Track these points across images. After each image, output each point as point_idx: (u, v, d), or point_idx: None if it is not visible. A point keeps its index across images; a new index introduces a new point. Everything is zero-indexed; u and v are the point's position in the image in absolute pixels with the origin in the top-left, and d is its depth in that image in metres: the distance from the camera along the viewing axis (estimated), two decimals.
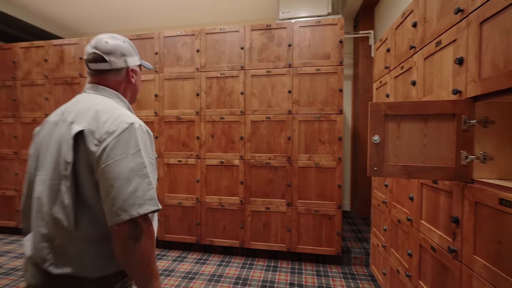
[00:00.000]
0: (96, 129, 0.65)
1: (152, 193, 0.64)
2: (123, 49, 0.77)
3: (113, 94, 0.77)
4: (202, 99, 2.44)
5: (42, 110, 2.80)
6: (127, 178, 0.62)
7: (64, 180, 0.65)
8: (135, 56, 0.82)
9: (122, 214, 0.60)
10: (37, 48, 2.81)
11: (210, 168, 2.45)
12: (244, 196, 2.39)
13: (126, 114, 0.69)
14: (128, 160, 0.63)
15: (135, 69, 0.81)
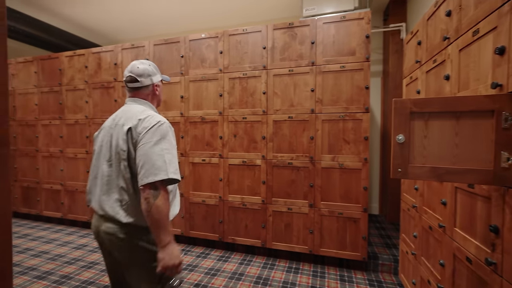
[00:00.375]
0: (137, 126, 0.97)
1: (165, 167, 0.90)
2: (149, 71, 1.08)
3: (145, 103, 1.10)
4: (225, 100, 2.49)
5: (83, 112, 3.08)
6: (150, 156, 0.91)
7: (123, 161, 0.97)
8: (157, 74, 1.13)
9: (144, 179, 0.89)
10: (79, 56, 3.09)
11: (233, 167, 2.49)
12: (266, 196, 2.39)
13: (155, 115, 1.00)
14: (153, 144, 0.92)
15: (158, 84, 1.13)
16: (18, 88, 3.44)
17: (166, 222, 0.90)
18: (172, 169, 0.92)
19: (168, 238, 0.90)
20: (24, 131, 3.42)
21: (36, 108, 3.35)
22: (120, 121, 1.02)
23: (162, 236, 0.89)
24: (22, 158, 3.44)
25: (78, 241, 2.81)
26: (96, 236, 1.04)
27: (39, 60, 3.31)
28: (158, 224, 0.88)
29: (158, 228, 0.89)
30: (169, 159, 0.92)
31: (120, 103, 2.90)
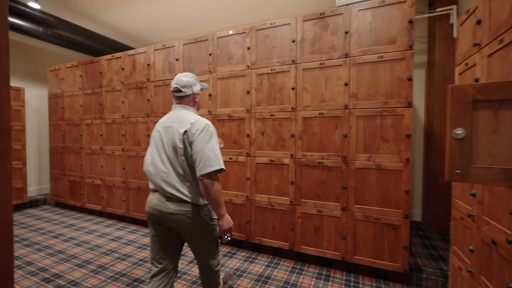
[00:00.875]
0: (191, 129, 1.23)
1: (217, 160, 1.19)
2: (190, 82, 1.35)
3: (188, 108, 1.36)
4: (252, 97, 2.43)
5: (120, 112, 3.25)
6: (205, 152, 1.18)
7: (180, 156, 1.24)
8: (197, 84, 1.39)
9: (203, 170, 1.17)
10: (117, 59, 3.27)
11: (260, 166, 2.41)
12: (295, 197, 2.27)
13: (202, 119, 1.28)
14: (206, 142, 1.20)
15: (197, 92, 1.39)
16: (66, 91, 3.77)
17: (221, 200, 1.24)
18: (221, 161, 1.22)
19: (223, 210, 1.25)
20: (71, 130, 3.74)
21: (80, 109, 3.63)
22: (174, 124, 1.29)
23: (220, 210, 1.23)
24: (70, 155, 3.77)
25: (114, 233, 2.98)
26: (152, 214, 1.30)
27: (83, 64, 3.58)
28: (217, 203, 1.22)
29: (217, 206, 1.22)
30: (218, 153, 1.22)
31: (152, 102, 3.00)
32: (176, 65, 2.83)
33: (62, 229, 3.11)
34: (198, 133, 1.21)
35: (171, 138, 1.26)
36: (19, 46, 4.12)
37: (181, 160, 1.23)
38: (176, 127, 1.26)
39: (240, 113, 2.48)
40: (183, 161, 1.23)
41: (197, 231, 1.28)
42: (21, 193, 3.84)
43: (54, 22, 3.57)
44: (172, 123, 1.29)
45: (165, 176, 1.25)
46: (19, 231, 3.01)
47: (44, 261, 2.31)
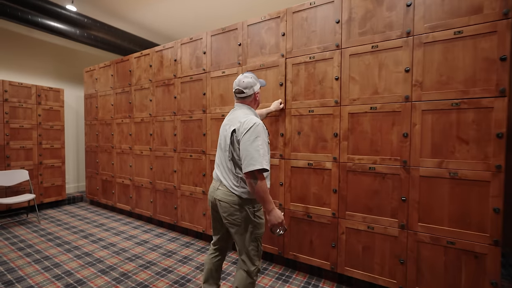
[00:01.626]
0: (240, 128, 1.31)
1: (260, 160, 1.23)
2: (251, 83, 1.42)
3: (247, 107, 1.44)
4: (287, 90, 2.11)
5: (147, 111, 3.16)
6: (249, 151, 1.25)
7: (230, 153, 1.37)
8: (257, 84, 1.47)
9: (246, 168, 1.24)
10: (145, 56, 3.18)
11: (296, 170, 2.08)
12: (338, 208, 1.90)
13: (252, 118, 1.32)
14: (251, 142, 1.26)
15: (258, 91, 1.47)
16: (100, 91, 3.82)
17: (266, 196, 1.27)
18: (265, 161, 1.25)
19: (270, 206, 1.29)
20: (104, 130, 3.78)
21: (112, 108, 3.64)
22: (229, 122, 1.41)
23: (266, 206, 1.29)
24: (102, 154, 3.81)
25: (141, 236, 2.88)
26: (209, 199, 1.49)
27: (114, 64, 3.58)
28: (262, 199, 1.27)
29: (263, 202, 1.28)
30: (263, 153, 1.25)
31: (179, 99, 2.84)
32: (204, 58, 2.62)
33: (92, 228, 3.10)
34: (245, 132, 1.28)
35: (225, 136, 1.41)
36: (59, 49, 4.30)
37: (229, 155, 1.38)
38: (229, 125, 1.39)
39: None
40: (229, 157, 1.38)
41: (238, 222, 1.36)
42: (60, 190, 3.99)
43: (88, 23, 3.61)
44: (229, 122, 1.42)
45: (219, 167, 1.45)
46: (55, 229, 3.06)
47: (71, 263, 2.25)
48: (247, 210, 1.35)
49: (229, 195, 1.37)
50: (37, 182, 3.70)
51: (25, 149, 3.59)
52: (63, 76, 4.38)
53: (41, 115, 3.73)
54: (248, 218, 1.35)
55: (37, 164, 3.70)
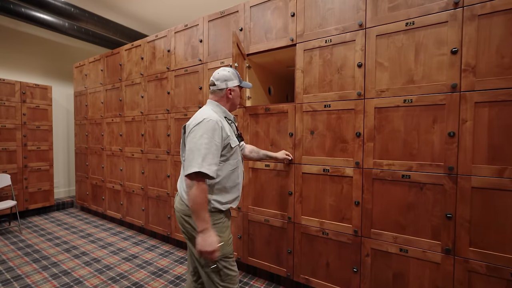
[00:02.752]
0: (190, 124, 1.13)
1: (199, 162, 1.01)
2: (226, 76, 1.24)
3: (215, 104, 1.24)
4: (298, 81, 1.76)
5: (139, 108, 2.83)
6: (192, 151, 1.05)
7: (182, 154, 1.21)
8: (234, 80, 1.26)
9: (185, 171, 1.04)
10: (136, 48, 2.86)
11: (308, 177, 1.73)
12: (362, 225, 1.55)
13: (205, 113, 1.12)
14: (196, 140, 1.05)
15: (232, 88, 1.25)
16: (89, 88, 3.51)
17: (200, 211, 1.01)
18: (206, 163, 1.02)
19: (203, 225, 1.01)
20: (94, 130, 3.47)
21: (102, 106, 3.32)
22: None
23: (197, 223, 1.02)
24: (92, 156, 3.50)
25: (131, 249, 2.55)
26: None
27: (104, 57, 3.27)
28: (193, 211, 1.03)
29: (193, 215, 1.04)
30: (205, 154, 1.03)
31: (173, 95, 2.51)
32: (200, 47, 2.28)
33: (78, 239, 2.78)
34: (191, 128, 1.09)
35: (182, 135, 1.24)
36: (48, 44, 4.00)
37: (182, 157, 1.21)
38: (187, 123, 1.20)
39: (280, 105, 1.83)
40: (183, 159, 1.20)
41: (190, 235, 1.16)
42: (48, 195, 3.68)
43: (76, 13, 3.30)
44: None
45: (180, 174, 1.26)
46: (36, 240, 2.75)
47: (44, 285, 1.92)
48: (192, 222, 1.14)
49: (180, 204, 1.19)
50: (22, 187, 3.40)
51: (8, 151, 3.28)
52: (51, 73, 4.08)
53: (26, 114, 3.43)
54: (194, 233, 1.14)
55: (22, 167, 3.40)
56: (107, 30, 3.64)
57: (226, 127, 1.15)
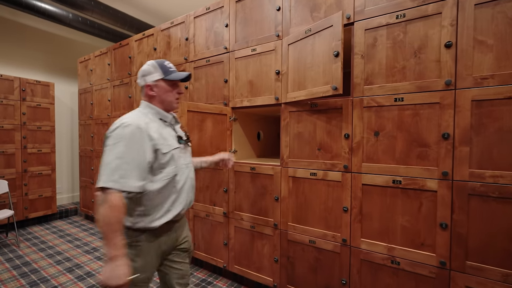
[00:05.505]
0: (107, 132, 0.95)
1: (109, 174, 0.86)
2: (144, 71, 1.06)
3: (144, 104, 1.07)
4: (356, 69, 1.40)
5: None
6: (103, 160, 0.89)
7: None
8: (154, 73, 1.05)
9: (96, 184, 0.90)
10: (148, 38, 2.53)
11: (371, 190, 1.37)
12: (451, 254, 1.18)
13: (125, 118, 0.96)
14: (110, 148, 0.90)
15: (151, 84, 1.05)
16: (95, 84, 3.19)
17: (108, 233, 0.84)
18: (117, 176, 0.87)
19: (112, 251, 0.84)
20: (100, 130, 3.14)
21: (109, 105, 3.00)
22: None
23: (106, 248, 0.85)
24: (98, 160, 3.17)
25: None
26: None
27: (112, 50, 2.94)
28: (101, 233, 0.86)
29: (103, 237, 0.86)
30: (117, 166, 0.87)
31: (191, 90, 2.17)
32: (226, 33, 1.94)
33: (82, 256, 2.44)
34: (108, 135, 0.93)
35: None
36: (50, 37, 3.69)
37: None
38: None
39: (329, 99, 1.48)
40: None
41: None
42: (50, 202, 3.36)
43: (81, 1, 2.98)
44: None
45: None
46: (34, 256, 2.42)
47: None
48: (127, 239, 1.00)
49: None
50: (21, 193, 3.08)
51: (6, 154, 2.97)
52: (54, 68, 3.77)
53: (26, 113, 3.12)
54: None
55: (21, 172, 3.08)
56: (114, 21, 3.32)
57: (154, 130, 0.98)
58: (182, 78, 1.09)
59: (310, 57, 1.48)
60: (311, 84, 1.48)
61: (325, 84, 1.38)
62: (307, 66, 1.50)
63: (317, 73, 1.44)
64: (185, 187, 1.08)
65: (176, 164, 1.04)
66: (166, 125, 1.08)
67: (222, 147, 1.84)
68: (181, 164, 1.07)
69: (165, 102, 1.08)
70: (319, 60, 1.42)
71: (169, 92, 1.07)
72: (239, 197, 1.89)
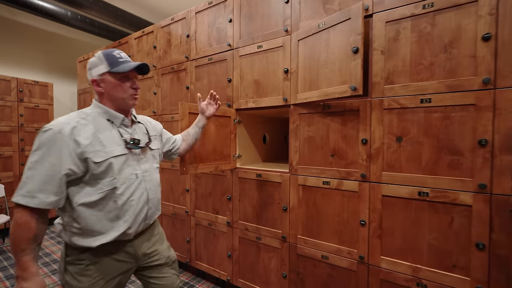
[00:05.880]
0: None
1: (21, 187, 0.77)
2: (90, 64, 0.92)
3: (93, 103, 0.94)
4: (375, 66, 1.25)
5: (151, 107, 2.37)
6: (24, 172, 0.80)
7: None
8: (100, 65, 0.90)
9: None
10: (148, 36, 2.40)
11: (392, 202, 1.22)
12: (489, 279, 1.03)
13: (53, 121, 0.83)
14: (29, 158, 0.80)
15: (96, 78, 0.90)
16: None
17: (15, 252, 0.77)
18: (25, 190, 0.77)
19: (17, 271, 0.77)
20: None
21: None
22: None
23: (16, 266, 0.78)
24: None
25: None
26: None
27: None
28: (13, 251, 0.78)
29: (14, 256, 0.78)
30: (27, 178, 0.78)
31: (193, 90, 2.03)
32: (229, 29, 1.80)
33: None
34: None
35: None
36: (49, 36, 3.60)
37: None
38: None
39: (345, 100, 1.33)
40: None
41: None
42: None
43: None
44: None
45: None
46: None
47: None
48: (61, 257, 0.92)
49: None
50: None
51: (2, 157, 2.88)
52: (53, 68, 3.67)
53: (23, 114, 3.03)
54: (60, 270, 0.92)
55: (18, 175, 2.99)
56: (114, 19, 3.20)
57: (88, 135, 0.84)
58: (133, 69, 0.92)
59: (324, 54, 1.34)
60: (325, 84, 1.33)
61: (342, 83, 1.23)
62: (320, 64, 1.35)
63: (332, 72, 1.29)
64: (134, 202, 0.92)
65: (118, 175, 0.88)
66: (114, 127, 0.92)
67: (226, 152, 1.70)
68: (128, 175, 0.91)
69: (116, 100, 0.92)
70: (334, 57, 1.27)
71: (118, 87, 0.91)
72: (244, 205, 1.76)
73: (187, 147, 1.30)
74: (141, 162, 0.98)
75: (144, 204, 0.96)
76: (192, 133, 1.31)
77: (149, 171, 1.01)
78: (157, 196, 1.05)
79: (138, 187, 0.95)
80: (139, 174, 0.96)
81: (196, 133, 1.32)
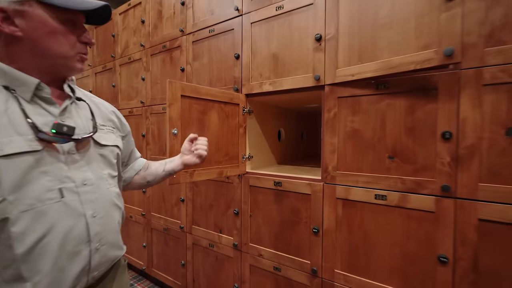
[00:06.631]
0: None
1: None
2: None
3: None
4: (471, 16, 0.81)
5: (138, 97, 1.93)
6: None
7: None
8: None
9: None
10: (134, 9, 1.96)
11: (495, 230, 0.78)
12: None
13: None
14: None
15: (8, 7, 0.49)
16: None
17: None
18: None
19: None
20: None
21: None
22: None
23: None
24: None
25: None
26: None
27: (93, 29, 2.38)
28: None
29: None
30: None
31: (190, 73, 1.59)
32: None
33: None
34: None
35: None
36: None
37: None
38: None
39: (413, 73, 0.89)
40: None
41: None
42: None
43: None
44: None
45: None
46: None
47: None
48: None
49: None
50: None
51: None
52: None
53: None
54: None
55: None
56: None
57: None
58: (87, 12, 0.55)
59: (385, 8, 0.90)
60: (389, 52, 0.90)
61: (422, 48, 0.80)
62: (378, 23, 0.92)
63: (402, 33, 0.86)
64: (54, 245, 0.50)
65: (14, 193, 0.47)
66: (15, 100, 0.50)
67: (232, 152, 1.26)
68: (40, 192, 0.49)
69: (49, 57, 0.53)
70: (406, 10, 0.84)
71: (56, 34, 0.52)
72: (257, 224, 1.32)
73: (141, 181, 0.84)
74: (75, 167, 0.55)
75: (81, 244, 0.53)
76: (154, 169, 0.85)
77: (94, 183, 0.57)
78: (112, 225, 0.61)
79: (64, 214, 0.51)
80: (67, 189, 0.53)
81: (157, 173, 0.84)
